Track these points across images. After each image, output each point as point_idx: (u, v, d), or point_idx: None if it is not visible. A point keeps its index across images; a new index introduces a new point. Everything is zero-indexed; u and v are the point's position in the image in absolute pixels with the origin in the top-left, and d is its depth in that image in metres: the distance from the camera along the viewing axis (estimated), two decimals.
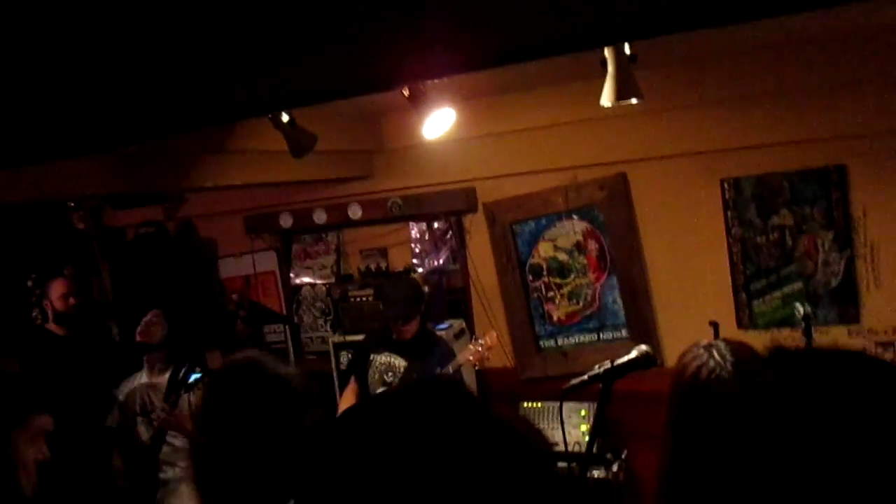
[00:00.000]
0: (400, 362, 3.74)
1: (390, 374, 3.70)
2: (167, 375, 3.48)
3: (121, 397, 3.81)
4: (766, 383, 0.88)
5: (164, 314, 3.72)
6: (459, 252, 4.63)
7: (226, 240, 5.10)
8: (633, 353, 2.10)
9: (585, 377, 2.12)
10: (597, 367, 2.12)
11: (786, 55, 3.64)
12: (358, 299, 4.57)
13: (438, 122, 2.84)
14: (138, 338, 3.70)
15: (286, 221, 4.84)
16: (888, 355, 3.71)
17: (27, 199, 2.96)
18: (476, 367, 3.51)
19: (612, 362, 2.09)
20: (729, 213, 3.95)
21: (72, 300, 4.06)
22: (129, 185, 3.02)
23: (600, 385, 2.10)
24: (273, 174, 3.85)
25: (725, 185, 3.94)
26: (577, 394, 2.26)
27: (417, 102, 2.59)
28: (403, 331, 3.66)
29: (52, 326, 4.08)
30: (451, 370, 3.39)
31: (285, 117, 2.78)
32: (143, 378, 3.77)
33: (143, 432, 3.69)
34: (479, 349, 3.43)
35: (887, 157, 3.63)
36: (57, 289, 4.06)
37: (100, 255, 4.46)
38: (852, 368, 0.87)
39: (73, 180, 2.84)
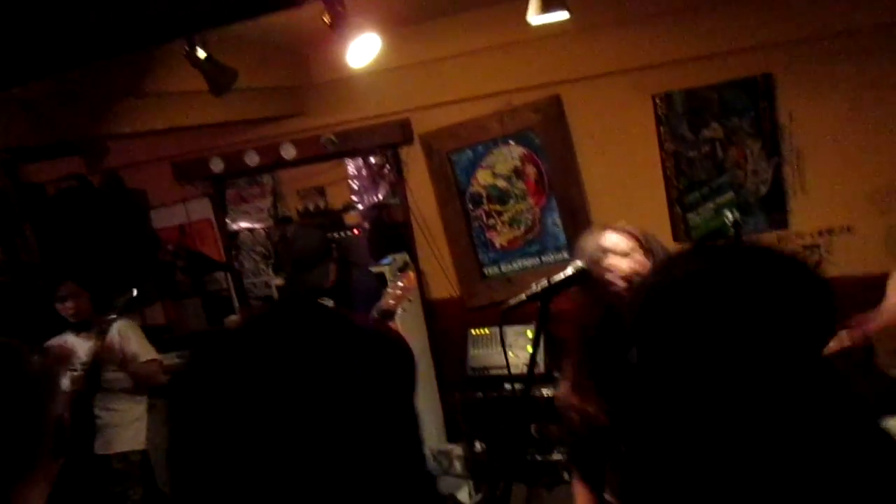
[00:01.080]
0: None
1: None
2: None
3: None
4: (675, 272, 0.95)
5: (78, 281, 3.56)
6: (398, 185, 4.57)
7: (156, 189, 4.93)
8: (569, 270, 2.11)
9: (523, 296, 2.14)
10: (534, 285, 2.13)
11: None
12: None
13: (364, 50, 2.74)
14: (64, 313, 3.55)
15: (217, 166, 4.69)
16: (815, 257, 3.85)
17: None
18: (399, 309, 3.45)
19: (548, 280, 2.10)
20: (661, 129, 3.98)
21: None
22: (38, 136, 2.85)
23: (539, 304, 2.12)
24: (197, 116, 3.70)
25: (657, 101, 3.95)
26: (524, 317, 2.28)
27: (339, 27, 2.48)
28: (319, 283, 3.51)
29: None
30: (376, 316, 3.33)
31: (201, 53, 2.64)
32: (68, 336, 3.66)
33: (64, 384, 3.61)
34: (399, 291, 3.39)
35: (812, 63, 3.69)
36: None
37: (20, 213, 4.25)
38: (757, 258, 0.95)
39: None
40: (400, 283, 3.41)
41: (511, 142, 4.31)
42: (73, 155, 4.31)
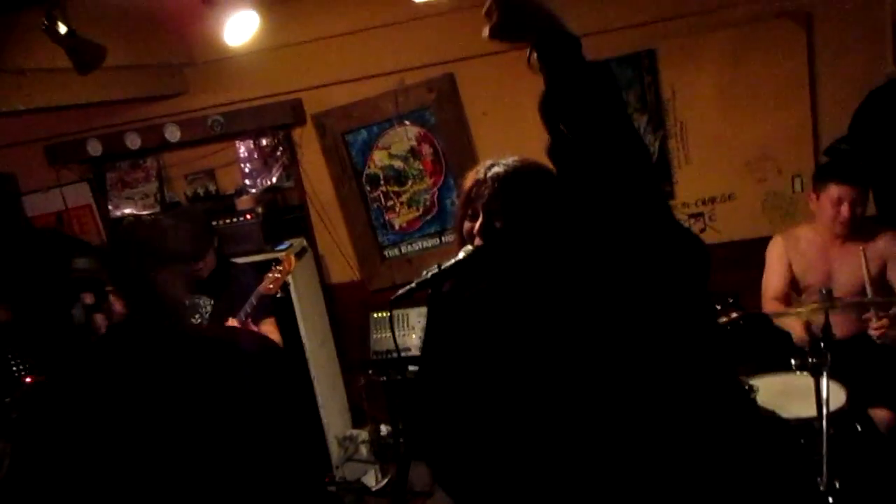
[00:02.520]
0: (206, 301, 3.46)
1: (197, 316, 3.39)
2: None
3: None
4: None
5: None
6: (292, 168, 4.43)
7: (27, 173, 4.58)
8: (461, 254, 2.08)
9: (413, 284, 2.08)
10: (424, 272, 2.08)
11: None
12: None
13: (241, 27, 2.60)
14: None
15: (95, 148, 4.39)
16: (698, 225, 4.01)
17: None
18: (278, 292, 3.35)
19: (439, 266, 2.05)
20: None
21: None
22: None
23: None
24: (65, 96, 3.44)
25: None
26: (424, 299, 2.22)
27: (212, 3, 2.34)
28: (198, 270, 3.27)
29: None
30: (254, 302, 3.22)
31: (62, 28, 2.43)
32: None
33: None
34: (277, 275, 3.30)
35: (690, 37, 3.80)
36: None
37: None
38: None
39: None
40: (279, 267, 3.31)
41: (406, 121, 4.24)
42: None
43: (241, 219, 4.19)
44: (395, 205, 4.42)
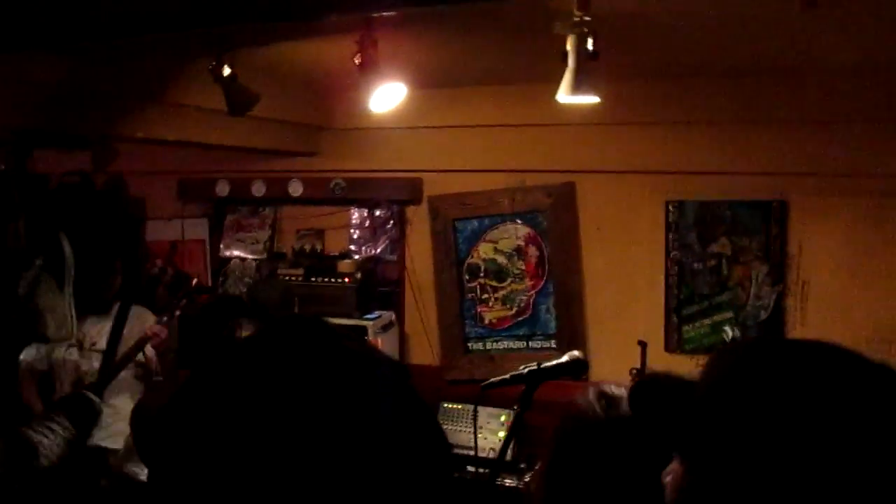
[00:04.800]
0: None
1: None
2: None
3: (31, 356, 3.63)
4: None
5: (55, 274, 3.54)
6: (398, 243, 4.50)
7: (156, 201, 4.87)
8: (564, 358, 2.02)
9: (507, 376, 2.04)
10: (522, 367, 2.03)
11: (746, 83, 3.65)
12: (287, 279, 4.40)
13: (389, 96, 2.72)
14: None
15: (222, 189, 4.64)
16: None
17: None
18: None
19: (538, 364, 2.00)
20: (670, 235, 3.94)
21: None
22: (48, 120, 2.80)
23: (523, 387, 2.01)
24: (211, 135, 3.66)
25: (670, 207, 3.92)
26: (502, 399, 2.16)
27: (367, 70, 2.46)
28: None
29: None
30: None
31: (227, 70, 2.62)
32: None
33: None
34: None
35: (827, 196, 3.67)
36: None
37: (19, 199, 4.17)
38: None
39: None
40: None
41: (518, 220, 4.26)
42: (82, 149, 4.28)
43: (339, 281, 4.27)
44: (489, 299, 4.39)
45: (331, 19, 1.59)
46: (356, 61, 2.51)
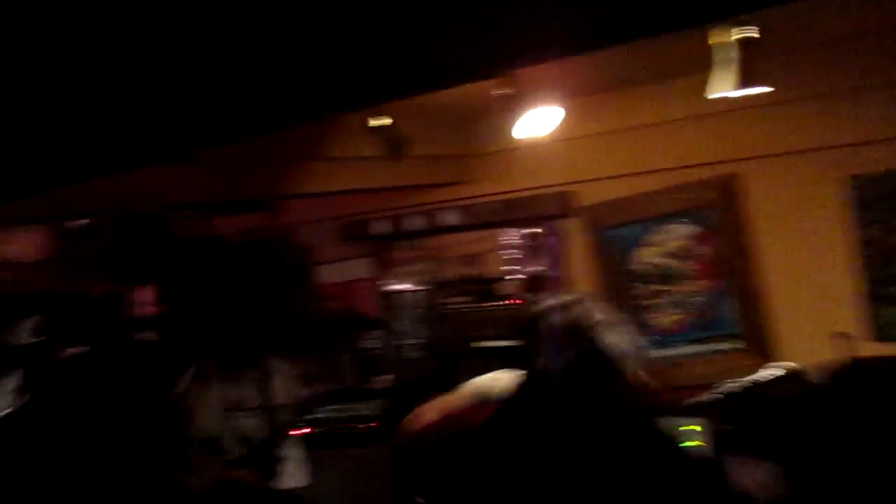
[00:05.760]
0: None
1: None
2: None
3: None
4: None
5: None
6: (557, 258, 4.46)
7: (321, 246, 5.13)
8: (778, 371, 1.89)
9: (720, 394, 1.92)
10: (729, 383, 1.91)
11: None
12: (455, 306, 4.50)
13: (546, 120, 2.70)
14: None
15: (381, 228, 4.82)
16: None
17: (125, 206, 3.04)
18: None
19: (752, 380, 1.86)
20: (856, 213, 3.61)
21: (157, 308, 4.10)
22: (226, 192, 3.04)
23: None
24: (368, 180, 3.83)
25: (854, 183, 3.60)
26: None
27: (523, 98, 2.46)
28: None
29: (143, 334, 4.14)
30: None
31: (384, 120, 2.72)
32: None
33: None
34: None
35: None
36: (143, 296, 4.14)
37: (199, 262, 4.54)
38: None
39: (171, 188, 2.88)
40: None
41: (682, 220, 4.09)
42: (252, 211, 4.60)
43: (500, 304, 4.30)
44: (659, 304, 4.23)
45: (484, 76, 1.60)
46: (502, 92, 2.52)
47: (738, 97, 3.00)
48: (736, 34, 2.04)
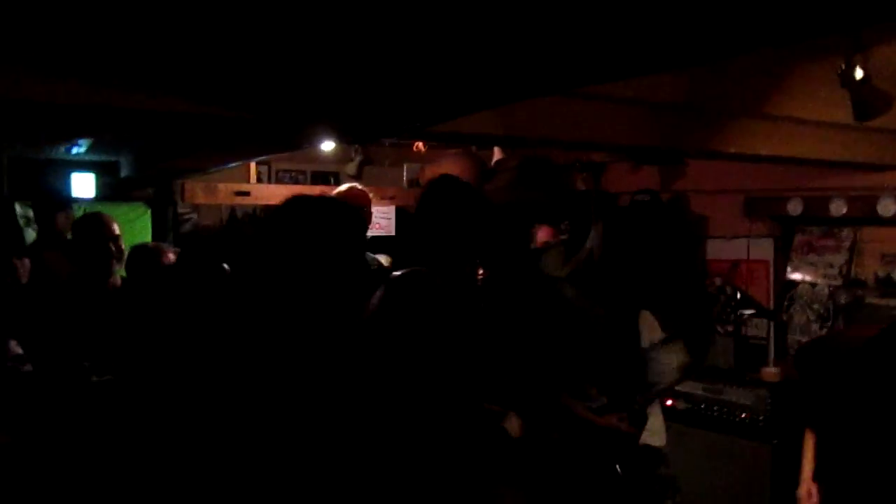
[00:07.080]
0: None
1: None
2: None
3: None
4: None
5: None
6: None
7: (719, 219, 4.79)
8: None
9: None
10: None
11: None
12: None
13: None
14: None
15: (794, 208, 4.30)
16: None
17: (559, 141, 3.08)
18: None
19: None
20: None
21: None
22: (660, 137, 2.92)
23: None
24: (799, 148, 3.38)
25: None
26: None
27: None
28: None
29: None
30: None
31: (859, 72, 2.33)
32: None
33: None
34: None
35: None
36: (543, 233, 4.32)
37: (595, 215, 4.56)
38: None
39: (603, 128, 2.84)
40: None
41: None
42: (658, 163, 4.47)
43: None
44: None
45: None
46: None
47: None
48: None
